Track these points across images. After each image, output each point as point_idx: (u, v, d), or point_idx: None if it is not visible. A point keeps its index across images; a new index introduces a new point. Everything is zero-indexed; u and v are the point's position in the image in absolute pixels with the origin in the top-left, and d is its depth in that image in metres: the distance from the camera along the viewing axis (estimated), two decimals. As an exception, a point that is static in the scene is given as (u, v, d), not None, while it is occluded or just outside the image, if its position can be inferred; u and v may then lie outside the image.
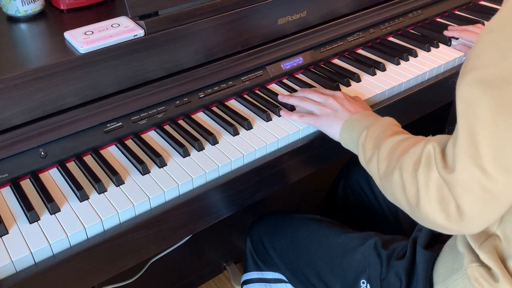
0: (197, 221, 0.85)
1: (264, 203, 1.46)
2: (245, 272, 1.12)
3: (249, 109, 0.99)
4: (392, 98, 1.04)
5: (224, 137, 0.91)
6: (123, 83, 0.89)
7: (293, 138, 0.92)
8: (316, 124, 0.91)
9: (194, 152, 0.87)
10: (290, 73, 1.08)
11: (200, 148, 0.87)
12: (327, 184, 1.31)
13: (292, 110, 0.98)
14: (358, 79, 1.07)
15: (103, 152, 0.88)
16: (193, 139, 0.88)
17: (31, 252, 0.70)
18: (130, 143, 0.89)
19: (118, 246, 0.76)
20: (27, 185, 0.81)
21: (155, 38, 0.89)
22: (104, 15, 0.99)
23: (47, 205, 0.76)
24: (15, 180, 0.81)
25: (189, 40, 0.93)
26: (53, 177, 0.83)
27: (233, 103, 1.01)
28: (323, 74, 1.09)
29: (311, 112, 0.94)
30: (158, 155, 0.85)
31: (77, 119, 0.85)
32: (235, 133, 0.91)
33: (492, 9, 1.34)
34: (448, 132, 0.66)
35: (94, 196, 0.79)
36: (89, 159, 0.86)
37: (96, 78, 0.85)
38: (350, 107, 0.90)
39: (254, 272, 1.09)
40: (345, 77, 1.06)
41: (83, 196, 0.78)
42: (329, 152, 0.98)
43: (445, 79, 1.12)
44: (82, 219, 0.74)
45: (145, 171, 0.83)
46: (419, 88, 1.08)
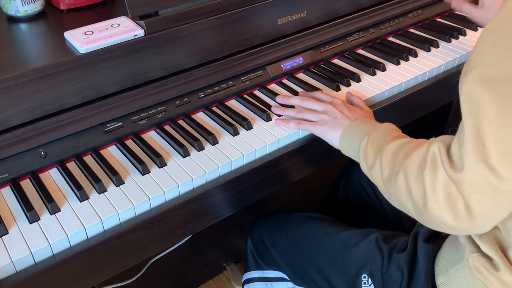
0: (197, 221, 0.85)
1: (264, 203, 1.46)
2: (246, 271, 1.12)
3: (249, 109, 0.99)
4: (392, 98, 1.05)
5: (224, 137, 0.91)
6: (123, 83, 0.89)
7: (293, 138, 0.92)
8: (315, 131, 0.90)
9: (194, 152, 0.87)
10: (290, 73, 1.08)
11: (200, 148, 0.87)
12: (327, 183, 1.31)
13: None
14: (358, 79, 1.07)
15: (103, 152, 0.88)
16: (193, 139, 0.88)
17: (31, 252, 0.70)
18: (130, 143, 0.89)
19: (118, 246, 0.76)
20: (27, 185, 0.81)
21: (155, 38, 0.89)
22: (104, 15, 0.99)
23: (47, 205, 0.76)
24: (15, 180, 0.81)
25: (189, 40, 0.93)
26: (53, 177, 0.83)
27: (233, 103, 1.01)
28: (323, 74, 1.09)
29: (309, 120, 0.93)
30: (158, 155, 0.85)
31: (77, 119, 0.85)
32: (235, 133, 0.91)
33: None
34: (451, 132, 0.66)
35: (94, 196, 0.79)
36: (89, 159, 0.86)
37: (96, 78, 0.85)
38: (349, 114, 0.89)
39: (255, 271, 1.09)
40: (345, 77, 1.06)
41: (83, 196, 0.78)
42: (329, 152, 0.98)
43: (445, 79, 1.12)
44: (82, 219, 0.74)
45: (145, 171, 0.83)
46: (419, 88, 1.08)
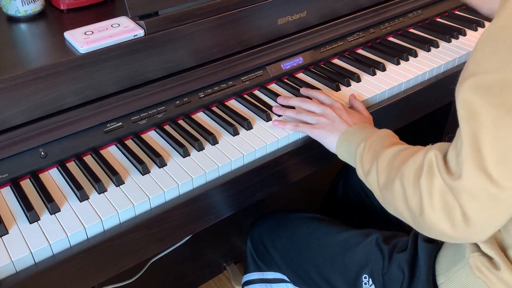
0: (197, 221, 0.85)
1: (264, 203, 1.46)
2: (245, 273, 1.12)
3: (249, 109, 0.99)
4: (392, 98, 1.04)
5: (224, 137, 0.91)
6: (123, 83, 0.89)
7: (293, 138, 0.92)
8: (313, 133, 0.90)
9: (194, 152, 0.87)
10: (290, 73, 1.08)
11: (200, 148, 0.87)
12: (327, 183, 1.31)
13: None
14: (358, 79, 1.07)
15: (103, 152, 0.88)
16: (193, 139, 0.88)
17: (31, 252, 0.69)
18: (130, 143, 0.89)
19: (118, 246, 0.76)
20: (27, 185, 0.81)
21: (155, 38, 0.89)
22: (104, 15, 0.99)
23: (47, 205, 0.76)
24: (15, 180, 0.81)
25: (189, 40, 0.93)
26: (53, 177, 0.83)
27: (233, 103, 1.01)
28: (323, 74, 1.09)
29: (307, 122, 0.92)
30: (158, 155, 0.85)
31: (77, 119, 0.85)
32: (235, 133, 0.91)
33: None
34: (448, 140, 0.66)
35: (94, 196, 0.79)
36: (89, 159, 0.86)
37: (96, 78, 0.85)
38: (348, 119, 0.89)
39: (255, 273, 1.09)
40: (345, 77, 1.06)
41: (83, 196, 0.78)
42: (329, 152, 0.98)
43: (445, 79, 1.12)
44: (82, 219, 0.74)
45: (145, 171, 0.83)
46: (419, 88, 1.08)
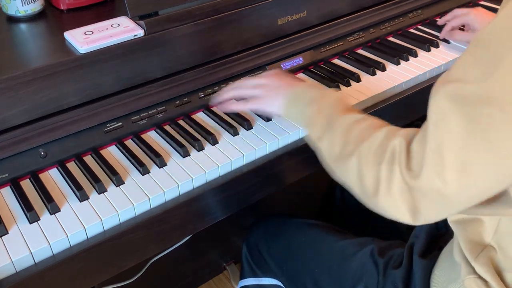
0: (197, 221, 0.85)
1: (263, 204, 1.46)
2: (241, 278, 1.11)
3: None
4: (392, 98, 1.04)
5: (224, 137, 0.91)
6: (123, 83, 0.89)
7: (293, 138, 0.92)
8: (261, 105, 0.86)
9: (194, 152, 0.87)
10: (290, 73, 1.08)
11: (200, 148, 0.87)
12: (327, 184, 1.31)
13: None
14: (358, 79, 1.07)
15: (103, 152, 0.88)
16: (193, 139, 0.88)
17: (31, 252, 0.69)
18: (130, 143, 0.89)
19: (118, 246, 0.76)
20: (27, 185, 0.81)
21: (155, 38, 0.89)
22: (104, 15, 0.99)
23: (47, 205, 0.76)
24: (15, 180, 0.81)
25: (189, 40, 0.93)
26: (53, 177, 0.83)
27: (233, 103, 1.01)
28: (323, 74, 1.09)
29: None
30: (158, 155, 0.85)
31: (77, 119, 0.85)
32: (235, 133, 0.91)
33: (492, 9, 1.34)
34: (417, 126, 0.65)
35: (94, 196, 0.79)
36: (89, 159, 0.86)
37: (96, 78, 0.85)
38: (291, 81, 0.85)
39: (251, 279, 1.08)
40: (345, 77, 1.06)
41: (83, 196, 0.78)
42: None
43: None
44: (82, 219, 0.74)
45: (145, 171, 0.83)
46: (419, 88, 1.08)
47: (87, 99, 0.86)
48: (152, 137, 0.92)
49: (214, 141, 0.89)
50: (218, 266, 1.53)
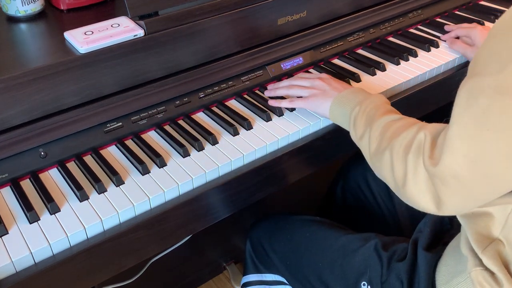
0: (197, 221, 0.85)
1: (264, 203, 1.46)
2: (244, 274, 1.11)
3: (249, 109, 0.99)
4: (392, 98, 1.04)
5: (224, 137, 0.91)
6: (123, 83, 0.89)
7: (293, 138, 0.92)
8: (307, 105, 0.93)
9: (194, 152, 0.87)
10: (290, 73, 1.08)
11: (200, 148, 0.87)
12: (328, 184, 1.31)
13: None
14: (358, 79, 1.07)
15: (103, 152, 0.88)
16: (193, 139, 0.88)
17: (31, 252, 0.69)
18: (130, 143, 0.89)
19: (118, 246, 0.76)
20: (27, 185, 0.81)
21: (155, 38, 0.89)
22: (104, 15, 0.99)
23: (47, 205, 0.76)
24: (15, 180, 0.81)
25: (189, 40, 0.93)
26: (53, 177, 0.83)
27: (233, 103, 1.01)
28: (323, 74, 1.09)
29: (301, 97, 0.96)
30: (158, 155, 0.85)
31: (77, 119, 0.85)
32: (235, 133, 0.91)
33: (492, 9, 1.34)
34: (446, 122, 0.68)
35: (94, 196, 0.79)
36: (89, 159, 0.86)
37: (96, 78, 0.85)
38: (338, 86, 0.93)
39: (254, 275, 1.08)
40: (345, 77, 1.06)
41: (83, 196, 0.78)
42: (329, 152, 0.98)
43: (445, 79, 1.12)
44: (82, 219, 0.74)
45: (145, 171, 0.83)
46: (419, 88, 1.08)
47: (87, 99, 0.86)
48: (152, 137, 0.92)
49: (214, 141, 0.89)
50: (218, 266, 1.53)
